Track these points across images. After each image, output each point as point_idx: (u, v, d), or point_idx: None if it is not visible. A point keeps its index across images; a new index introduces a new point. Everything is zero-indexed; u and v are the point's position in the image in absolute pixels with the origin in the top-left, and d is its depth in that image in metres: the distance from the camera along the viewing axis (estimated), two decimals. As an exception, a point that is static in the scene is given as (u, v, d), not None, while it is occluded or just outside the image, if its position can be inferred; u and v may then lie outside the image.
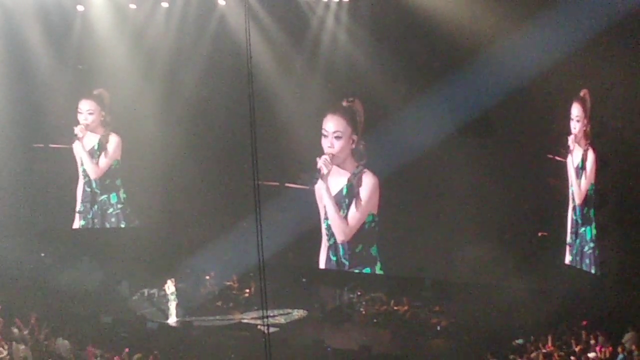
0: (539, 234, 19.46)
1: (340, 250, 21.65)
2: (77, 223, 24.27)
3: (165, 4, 21.78)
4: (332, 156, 21.07)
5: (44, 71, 22.49)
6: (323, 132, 21.22)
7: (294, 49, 21.40)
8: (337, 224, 21.49)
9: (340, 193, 21.49)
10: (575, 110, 17.81)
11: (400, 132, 20.16)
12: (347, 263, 21.70)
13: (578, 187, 18.19)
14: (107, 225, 24.28)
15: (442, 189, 20.08)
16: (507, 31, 17.48)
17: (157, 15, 22.02)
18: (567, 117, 18.16)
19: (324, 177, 21.22)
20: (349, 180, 21.33)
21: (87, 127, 23.76)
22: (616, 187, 17.01)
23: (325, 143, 21.21)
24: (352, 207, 21.30)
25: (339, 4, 20.62)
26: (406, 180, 20.55)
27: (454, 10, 18.22)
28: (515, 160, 19.18)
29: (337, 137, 21.05)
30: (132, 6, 21.91)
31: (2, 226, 22.93)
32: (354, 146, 21.18)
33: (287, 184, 22.37)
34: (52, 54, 22.35)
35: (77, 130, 23.73)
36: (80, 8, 21.83)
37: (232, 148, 22.17)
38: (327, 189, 21.36)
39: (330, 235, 21.76)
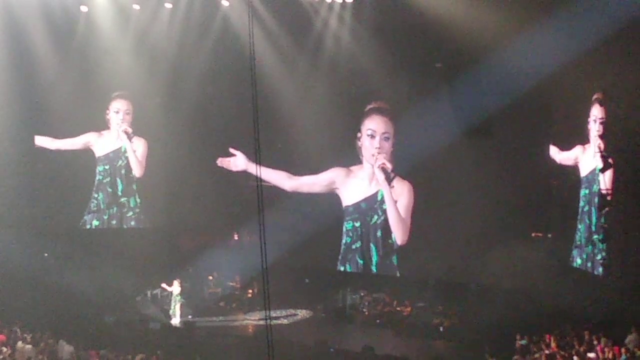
0: (536, 234, 19.47)
1: (374, 255, 20.98)
2: (89, 222, 23.93)
3: (168, 5, 21.79)
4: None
5: (49, 71, 22.45)
6: (368, 132, 20.42)
7: (297, 48, 21.38)
8: (399, 227, 20.44)
9: (374, 197, 20.87)
10: (589, 112, 17.68)
11: (403, 134, 20.15)
12: (375, 270, 21.13)
13: (587, 189, 18.11)
14: (125, 227, 24.07)
15: (444, 190, 20.05)
16: (514, 33, 17.40)
17: (160, 15, 22.03)
18: (572, 119, 18.13)
19: (389, 180, 20.16)
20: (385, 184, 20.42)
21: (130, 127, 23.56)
22: (620, 189, 16.94)
23: (371, 144, 20.40)
24: (400, 212, 20.40)
25: (342, 4, 20.64)
26: (409, 181, 20.55)
27: (459, 12, 18.14)
28: (519, 162, 19.16)
29: (386, 139, 20.34)
30: (136, 7, 21.92)
31: (6, 226, 22.91)
32: (392, 149, 20.55)
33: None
34: (56, 55, 22.32)
35: (126, 128, 23.42)
36: (84, 9, 21.85)
37: (235, 149, 22.18)
38: (389, 192, 20.29)
39: (357, 238, 21.15)
